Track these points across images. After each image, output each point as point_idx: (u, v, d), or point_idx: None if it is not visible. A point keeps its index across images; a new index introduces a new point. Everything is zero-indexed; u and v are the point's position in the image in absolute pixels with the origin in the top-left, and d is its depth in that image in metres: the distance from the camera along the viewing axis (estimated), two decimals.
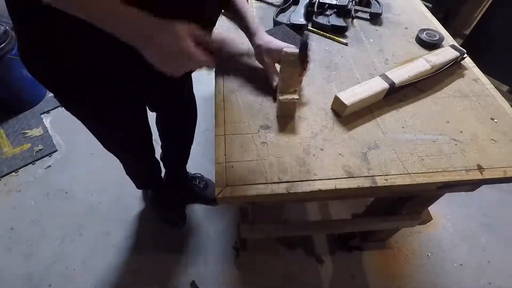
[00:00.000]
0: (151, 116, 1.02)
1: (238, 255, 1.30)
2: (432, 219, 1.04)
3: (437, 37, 0.95)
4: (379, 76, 0.75)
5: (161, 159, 1.33)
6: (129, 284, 1.25)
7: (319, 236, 1.36)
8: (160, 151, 1.33)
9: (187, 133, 1.25)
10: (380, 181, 0.62)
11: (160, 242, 1.36)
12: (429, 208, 1.02)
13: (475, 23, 1.77)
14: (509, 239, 1.42)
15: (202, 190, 1.45)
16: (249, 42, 0.79)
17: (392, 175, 0.63)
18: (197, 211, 1.46)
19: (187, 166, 1.44)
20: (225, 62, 0.83)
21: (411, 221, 1.02)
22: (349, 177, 0.63)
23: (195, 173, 1.50)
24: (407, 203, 0.94)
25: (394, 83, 0.73)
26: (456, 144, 0.70)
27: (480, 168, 0.66)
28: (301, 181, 0.61)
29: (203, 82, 2.02)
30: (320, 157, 0.65)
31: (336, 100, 0.71)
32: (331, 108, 0.74)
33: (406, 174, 0.64)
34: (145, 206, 1.47)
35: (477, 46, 1.61)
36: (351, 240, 1.28)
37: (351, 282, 1.26)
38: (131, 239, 1.37)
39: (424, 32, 0.96)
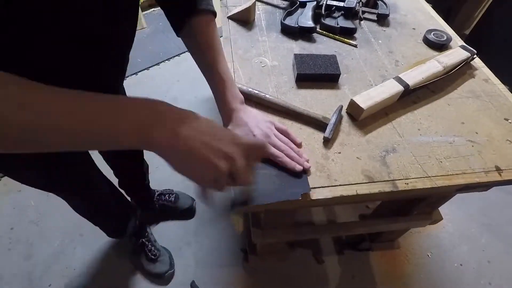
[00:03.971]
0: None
1: (247, 259, 1.29)
2: (442, 218, 1.04)
3: (445, 38, 0.95)
4: (393, 78, 0.75)
5: (120, 186, 1.18)
6: (129, 284, 1.24)
7: (325, 237, 1.36)
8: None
9: (142, 161, 1.16)
10: (401, 185, 0.62)
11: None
12: None
13: (475, 23, 1.78)
14: (509, 239, 1.42)
15: (173, 203, 1.37)
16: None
17: (412, 178, 0.63)
18: (198, 210, 1.45)
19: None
20: None
21: (422, 222, 1.02)
22: (369, 182, 0.62)
23: (163, 190, 1.41)
24: (419, 203, 0.94)
25: (408, 85, 0.73)
26: (472, 146, 0.70)
27: (498, 169, 0.66)
28: (322, 187, 0.60)
29: (203, 84, 2.02)
30: (339, 162, 0.65)
31: (352, 104, 0.70)
32: (346, 112, 0.74)
33: (426, 177, 0.63)
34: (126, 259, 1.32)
35: (477, 46, 1.62)
36: (361, 243, 1.28)
37: (351, 282, 1.26)
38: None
39: (432, 33, 0.96)
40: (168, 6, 0.62)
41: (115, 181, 1.11)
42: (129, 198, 1.25)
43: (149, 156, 1.19)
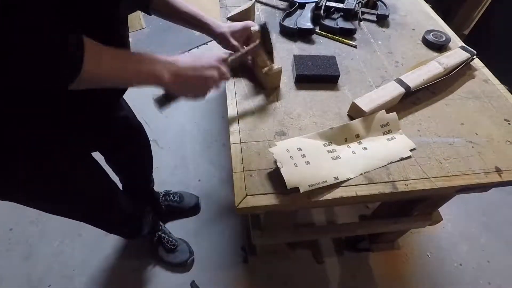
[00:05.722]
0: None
1: (246, 259, 1.29)
2: (442, 219, 1.04)
3: (444, 38, 0.95)
4: (394, 80, 0.75)
5: (124, 192, 1.16)
6: (129, 284, 1.24)
7: (324, 238, 1.36)
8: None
9: (144, 163, 1.18)
10: (401, 187, 0.62)
11: None
12: None
13: (474, 23, 1.78)
14: (509, 239, 1.42)
15: (179, 203, 1.39)
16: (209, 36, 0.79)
17: (412, 179, 0.63)
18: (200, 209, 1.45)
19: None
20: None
21: (422, 222, 1.02)
22: (369, 183, 0.62)
23: (164, 190, 1.42)
24: (419, 204, 0.94)
25: (409, 87, 0.73)
26: (472, 147, 0.70)
27: (498, 170, 0.66)
28: (322, 188, 0.60)
29: None
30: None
31: (354, 106, 0.70)
32: (348, 115, 0.73)
33: (426, 178, 0.63)
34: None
35: (477, 46, 1.63)
36: (360, 242, 1.28)
37: (351, 282, 1.26)
38: None
39: (431, 34, 0.96)
40: None
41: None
42: None
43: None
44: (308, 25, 0.93)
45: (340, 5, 0.99)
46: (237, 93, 0.78)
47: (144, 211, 1.17)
